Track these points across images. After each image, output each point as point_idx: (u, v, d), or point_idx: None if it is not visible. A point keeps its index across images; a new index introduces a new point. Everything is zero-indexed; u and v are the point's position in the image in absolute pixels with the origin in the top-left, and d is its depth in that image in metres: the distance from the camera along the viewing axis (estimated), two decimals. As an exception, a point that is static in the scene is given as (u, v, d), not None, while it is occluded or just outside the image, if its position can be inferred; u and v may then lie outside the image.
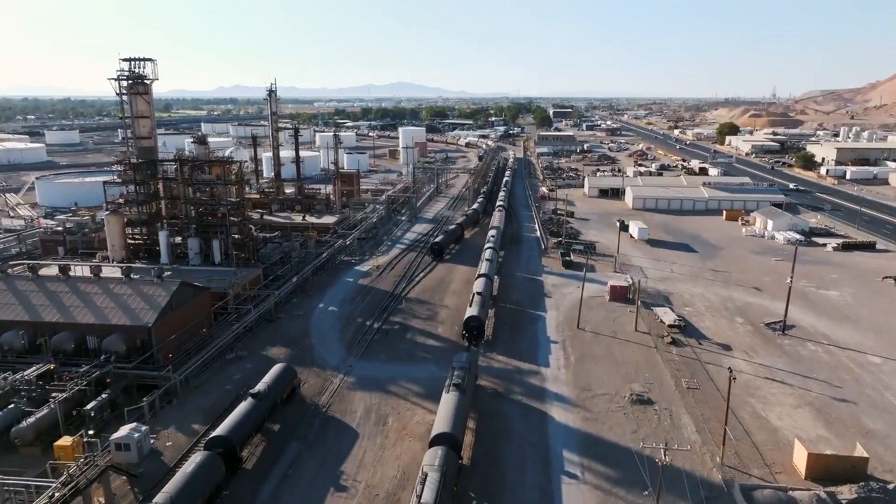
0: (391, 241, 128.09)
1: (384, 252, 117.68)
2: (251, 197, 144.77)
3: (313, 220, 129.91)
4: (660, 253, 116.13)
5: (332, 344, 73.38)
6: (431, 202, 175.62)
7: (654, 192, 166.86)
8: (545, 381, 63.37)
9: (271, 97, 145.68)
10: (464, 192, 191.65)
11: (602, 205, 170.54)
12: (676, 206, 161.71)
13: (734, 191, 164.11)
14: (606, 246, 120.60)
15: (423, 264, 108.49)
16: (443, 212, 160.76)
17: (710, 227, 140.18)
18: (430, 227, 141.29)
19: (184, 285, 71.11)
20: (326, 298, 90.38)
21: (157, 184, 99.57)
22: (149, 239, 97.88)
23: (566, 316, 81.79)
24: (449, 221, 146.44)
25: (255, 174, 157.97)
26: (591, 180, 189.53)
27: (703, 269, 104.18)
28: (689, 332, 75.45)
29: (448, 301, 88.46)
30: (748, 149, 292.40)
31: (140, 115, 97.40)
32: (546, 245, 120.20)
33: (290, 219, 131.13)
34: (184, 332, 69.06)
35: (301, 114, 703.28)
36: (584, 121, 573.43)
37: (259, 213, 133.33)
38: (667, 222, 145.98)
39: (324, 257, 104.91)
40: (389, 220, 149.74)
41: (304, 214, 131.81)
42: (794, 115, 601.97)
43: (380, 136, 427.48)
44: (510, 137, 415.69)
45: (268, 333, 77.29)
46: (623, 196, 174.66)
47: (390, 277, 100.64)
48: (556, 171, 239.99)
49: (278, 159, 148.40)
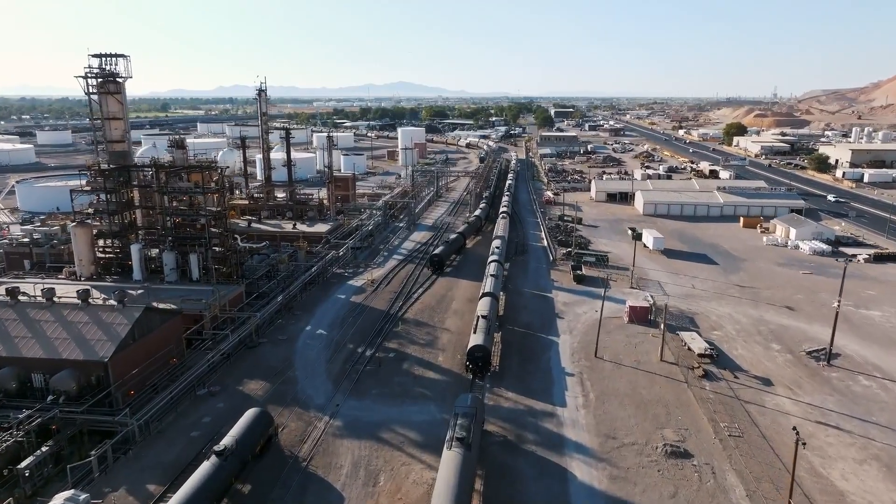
0: (388, 250, 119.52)
1: (380, 264, 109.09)
2: (239, 203, 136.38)
3: (304, 228, 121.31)
4: (678, 265, 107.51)
5: (318, 377, 64.76)
6: (431, 207, 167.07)
7: (666, 196, 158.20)
8: (562, 425, 54.73)
9: (261, 97, 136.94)
10: (465, 196, 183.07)
11: (610, 210, 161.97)
12: (690, 212, 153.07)
13: (751, 196, 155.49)
14: (619, 257, 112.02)
15: (422, 278, 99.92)
16: (443, 218, 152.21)
17: (728, 236, 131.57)
18: (430, 235, 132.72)
19: (149, 311, 62.51)
20: (315, 319, 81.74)
21: (130, 192, 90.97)
22: (121, 252, 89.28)
23: (582, 341, 73.18)
24: (450, 229, 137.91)
25: (244, 178, 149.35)
26: (598, 184, 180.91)
27: (727, 285, 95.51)
28: (722, 363, 66.82)
29: (449, 323, 79.82)
30: (757, 150, 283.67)
31: (111, 116, 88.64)
32: (554, 256, 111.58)
33: (279, 227, 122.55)
34: (149, 364, 60.51)
35: (299, 114, 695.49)
36: (585, 121, 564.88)
37: (247, 221, 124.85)
38: (681, 230, 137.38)
39: (313, 272, 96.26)
40: (386, 226, 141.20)
41: (295, 222, 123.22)
42: (798, 114, 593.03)
43: (378, 136, 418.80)
44: (511, 138, 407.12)
45: (247, 363, 68.67)
46: (632, 201, 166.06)
47: (386, 294, 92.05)
48: (560, 173, 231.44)
49: (268, 162, 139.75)
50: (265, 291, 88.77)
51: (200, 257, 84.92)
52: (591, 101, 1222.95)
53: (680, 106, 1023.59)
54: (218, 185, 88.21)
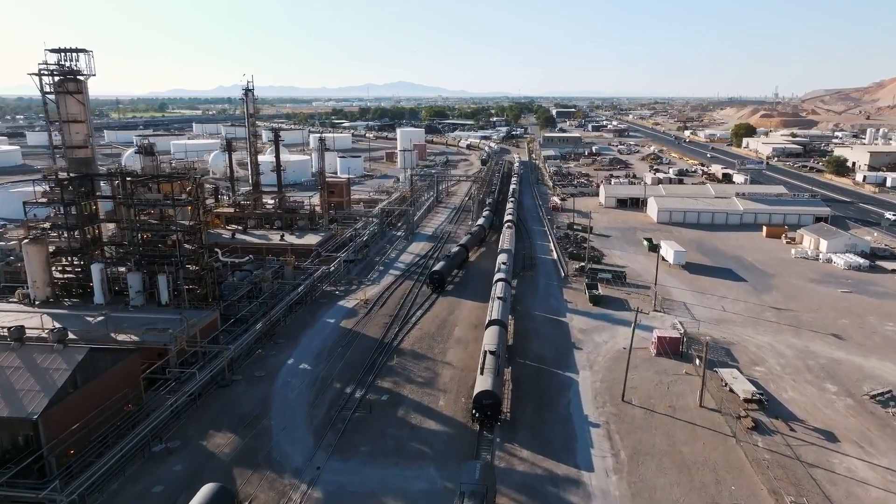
0: (384, 264, 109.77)
1: (375, 280, 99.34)
2: (224, 211, 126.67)
3: (293, 240, 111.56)
4: (702, 282, 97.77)
5: (298, 427, 54.99)
6: (431, 214, 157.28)
7: (681, 203, 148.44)
8: (591, 497, 44.98)
9: (248, 97, 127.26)
10: (466, 202, 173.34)
11: (622, 217, 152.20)
12: (707, 220, 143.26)
13: (772, 203, 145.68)
14: (637, 273, 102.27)
15: (421, 298, 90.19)
16: (444, 226, 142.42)
17: (752, 247, 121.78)
18: (430, 245, 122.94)
19: (95, 353, 52.70)
20: (299, 349, 71.95)
21: (93, 204, 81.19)
22: (82, 273, 79.50)
23: (605, 379, 63.42)
24: (451, 239, 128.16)
25: (230, 183, 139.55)
26: (608, 189, 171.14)
27: (760, 307, 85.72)
28: (773, 409, 57.02)
29: (452, 355, 70.05)
30: (768, 152, 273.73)
31: (72, 118, 78.91)
32: (566, 271, 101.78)
33: (266, 238, 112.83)
34: (95, 416, 50.79)
35: (297, 114, 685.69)
36: (588, 121, 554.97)
37: (232, 231, 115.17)
38: (700, 240, 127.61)
39: (300, 291, 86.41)
40: (383, 236, 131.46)
41: (283, 233, 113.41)
42: (804, 114, 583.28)
43: (377, 137, 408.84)
44: (513, 138, 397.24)
45: (216, 406, 58.91)
46: (644, 207, 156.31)
47: (380, 317, 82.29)
48: (565, 176, 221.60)
49: (256, 167, 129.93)
50: (245, 315, 79.13)
51: (170, 278, 75.18)
52: (591, 101, 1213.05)
53: (682, 106, 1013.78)
54: (191, 197, 78.35)
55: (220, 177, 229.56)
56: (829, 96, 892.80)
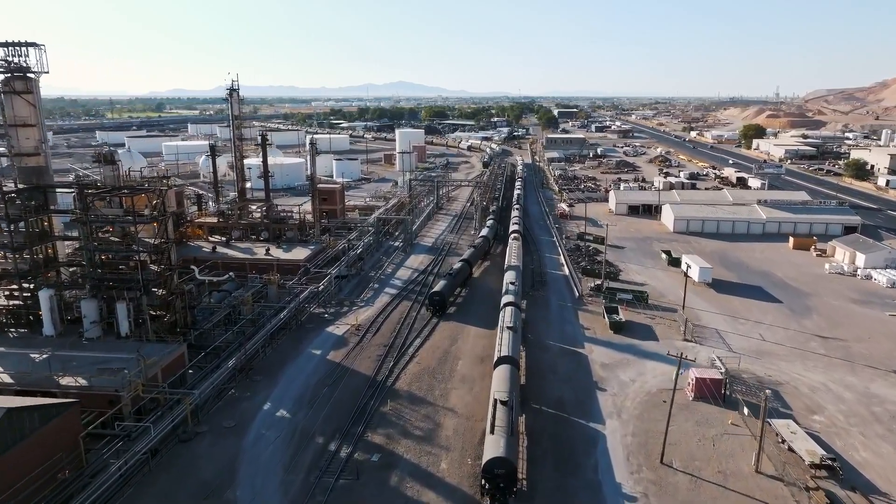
0: (379, 280, 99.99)
1: (369, 301, 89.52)
2: (206, 221, 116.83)
3: (279, 254, 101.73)
4: (732, 303, 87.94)
5: (269, 500, 45.13)
6: (430, 222, 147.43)
7: (699, 211, 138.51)
8: None
9: (232, 98, 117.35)
10: (468, 208, 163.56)
11: (634, 225, 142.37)
12: (727, 230, 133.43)
13: (797, 210, 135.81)
14: (659, 292, 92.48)
15: (420, 322, 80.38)
16: (444, 235, 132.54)
17: (779, 260, 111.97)
18: (429, 258, 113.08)
19: (14, 414, 42.88)
20: (278, 390, 62.11)
21: (46, 220, 71.38)
22: (31, 299, 69.70)
23: (637, 432, 53.56)
24: (452, 251, 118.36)
25: (214, 190, 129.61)
26: (618, 195, 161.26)
27: (803, 335, 75.88)
28: (847, 477, 47.18)
29: (455, 398, 60.23)
30: (780, 154, 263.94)
31: (20, 122, 69.11)
32: (580, 290, 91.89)
33: (250, 252, 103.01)
34: (15, 491, 41.06)
35: (295, 114, 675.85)
36: (591, 122, 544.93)
37: (213, 244, 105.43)
38: (721, 252, 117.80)
39: (282, 318, 76.51)
40: (379, 247, 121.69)
41: (269, 247, 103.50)
42: (811, 115, 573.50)
43: (376, 138, 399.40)
44: (515, 139, 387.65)
45: (174, 470, 49.06)
46: (659, 214, 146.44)
47: (373, 347, 72.47)
48: (571, 180, 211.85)
49: (242, 173, 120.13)
50: (220, 346, 69.35)
51: (131, 305, 65.36)
52: (592, 101, 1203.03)
53: (684, 106, 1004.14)
54: (157, 212, 68.45)
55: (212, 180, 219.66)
56: (833, 96, 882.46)
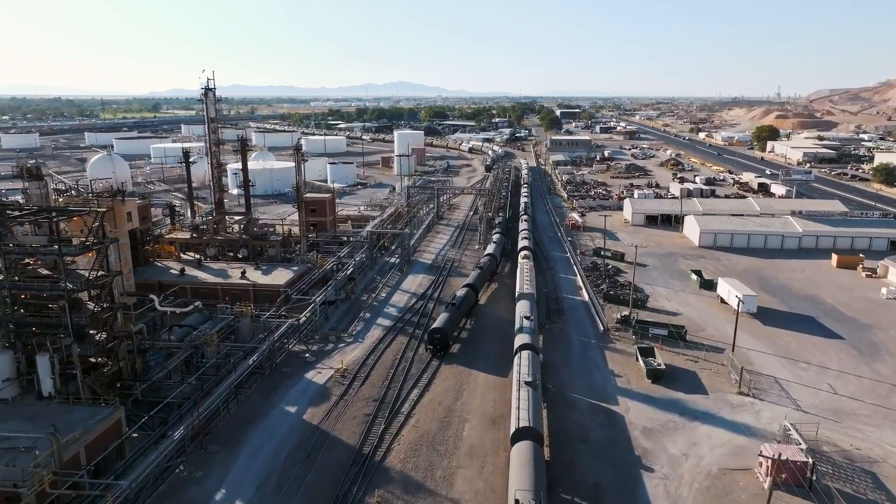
0: (372, 307, 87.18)
1: (358, 334, 76.66)
2: (178, 237, 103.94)
3: (257, 277, 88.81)
4: (783, 338, 75.06)
5: None
6: (430, 234, 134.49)
7: (726, 223, 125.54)
8: None
9: (207, 98, 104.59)
10: (471, 218, 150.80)
11: (654, 238, 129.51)
12: (758, 244, 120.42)
13: (836, 223, 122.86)
14: (695, 322, 79.65)
15: (418, 366, 67.55)
16: (445, 251, 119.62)
17: (825, 282, 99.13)
18: (429, 279, 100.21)
19: None
20: (237, 469, 49.15)
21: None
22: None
23: (701, 539, 40.69)
24: (455, 270, 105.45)
25: (188, 202, 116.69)
26: (634, 203, 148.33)
27: (881, 385, 62.94)
28: None
29: (461, 483, 47.24)
30: (799, 157, 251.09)
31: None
32: (604, 323, 78.92)
33: (224, 274, 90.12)
34: None
35: (293, 114, 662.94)
36: (594, 122, 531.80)
37: (182, 267, 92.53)
38: (757, 271, 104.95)
39: (251, 365, 63.54)
40: (373, 264, 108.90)
41: (245, 269, 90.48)
42: (819, 115, 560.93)
43: (374, 139, 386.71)
44: (517, 141, 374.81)
45: None
46: (681, 226, 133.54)
47: (361, 401, 59.61)
48: (580, 185, 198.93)
49: (218, 183, 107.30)
50: (174, 403, 56.55)
51: (55, 358, 52.41)
52: (593, 101, 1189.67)
53: (687, 106, 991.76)
54: (94, 239, 55.38)
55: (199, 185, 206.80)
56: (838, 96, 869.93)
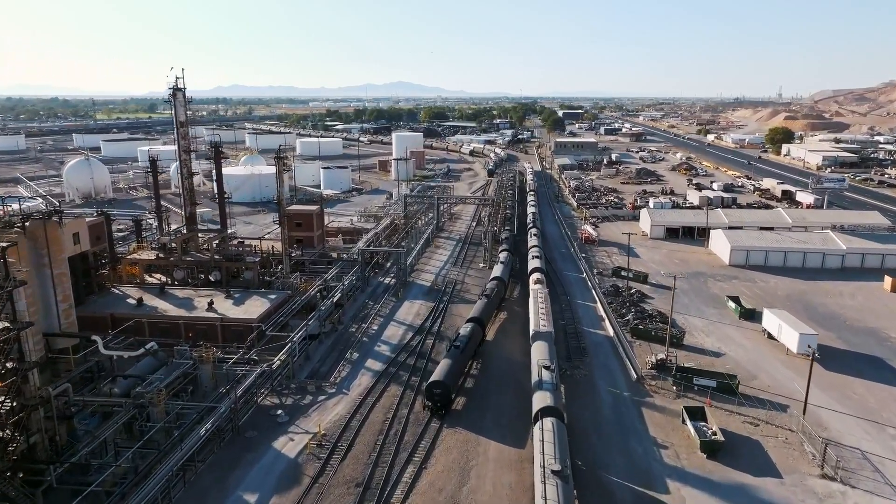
0: (361, 344, 74.59)
1: (343, 383, 64.05)
2: (143, 258, 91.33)
3: (227, 307, 76.15)
4: (853, 388, 62.44)
5: None
6: (429, 248, 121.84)
7: (759, 239, 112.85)
8: None
9: (175, 99, 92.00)
10: (473, 230, 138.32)
11: (678, 254, 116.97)
12: (796, 262, 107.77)
13: (883, 239, 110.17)
14: (742, 365, 67.06)
15: (414, 428, 54.98)
16: (446, 270, 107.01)
17: (881, 310, 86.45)
18: (428, 306, 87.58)
19: None
20: None
21: None
22: None
23: None
24: (457, 294, 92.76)
25: (157, 215, 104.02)
26: (654, 214, 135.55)
27: None
28: None
29: None
30: (818, 161, 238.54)
31: None
32: (637, 369, 66.17)
33: (189, 304, 77.42)
34: None
35: (290, 115, 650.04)
36: (598, 123, 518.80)
37: (139, 297, 79.88)
38: (801, 296, 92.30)
39: (204, 436, 50.75)
40: (364, 286, 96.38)
41: (213, 298, 77.66)
42: (828, 116, 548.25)
43: (371, 141, 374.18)
44: (520, 143, 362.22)
45: None
46: (706, 240, 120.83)
47: (341, 484, 47.00)
48: (590, 192, 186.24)
49: (191, 195, 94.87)
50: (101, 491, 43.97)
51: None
52: (594, 102, 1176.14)
53: (690, 106, 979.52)
54: (-7, 282, 42.75)
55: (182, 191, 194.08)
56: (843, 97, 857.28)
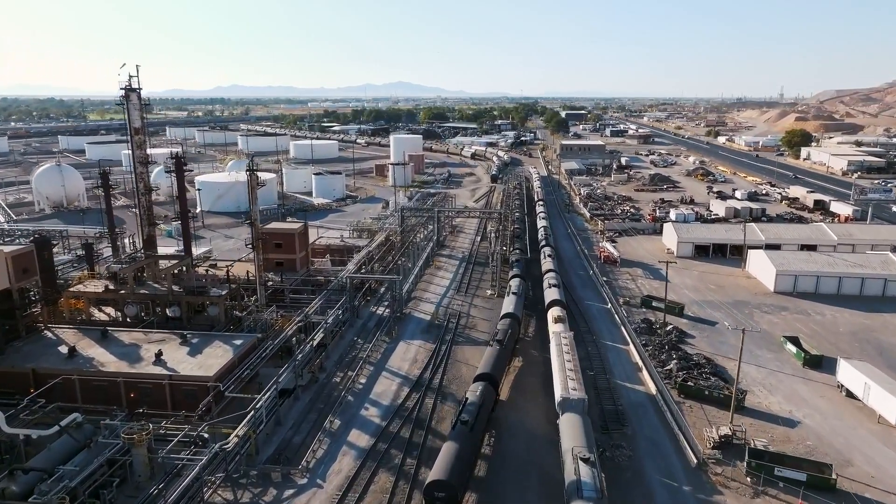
0: (345, 403, 60.17)
1: (318, 470, 49.57)
2: (89, 292, 76.76)
3: (179, 358, 61.62)
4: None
5: None
6: (429, 269, 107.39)
7: (808, 262, 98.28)
8: None
9: (128, 101, 77.56)
10: (478, 245, 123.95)
11: (711, 277, 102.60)
12: (852, 289, 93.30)
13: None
14: (824, 438, 52.65)
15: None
16: (448, 299, 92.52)
17: (971, 354, 72.06)
18: (427, 349, 73.11)
19: None
20: None
21: None
22: None
23: None
24: (462, 333, 78.11)
25: (110, 238, 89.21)
26: (681, 229, 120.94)
27: None
28: None
29: None
30: (843, 165, 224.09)
31: None
32: (697, 453, 51.57)
33: (133, 356, 62.78)
34: None
35: (287, 115, 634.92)
36: (604, 125, 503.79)
37: (71, 346, 65.50)
38: (867, 333, 77.86)
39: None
40: (353, 320, 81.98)
41: (161, 349, 63.01)
42: (839, 117, 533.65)
43: (369, 143, 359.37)
44: (523, 145, 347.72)
45: None
46: (744, 261, 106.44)
47: None
48: (602, 201, 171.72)
49: (148, 213, 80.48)
50: None
51: None
52: (596, 102, 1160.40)
53: (693, 106, 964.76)
54: None
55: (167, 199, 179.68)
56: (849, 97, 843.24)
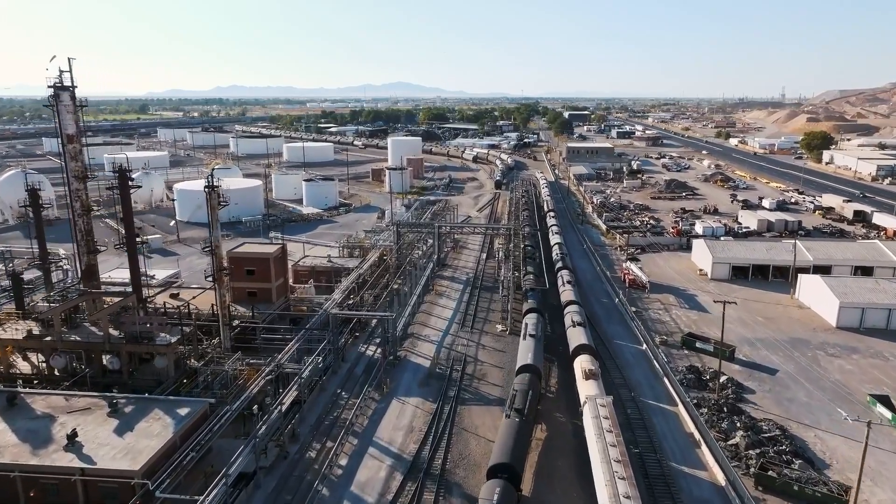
0: (320, 500, 45.50)
1: None
2: (5, 338, 61.89)
3: (100, 443, 46.76)
4: None
5: None
6: (428, 297, 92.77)
7: (877, 293, 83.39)
8: None
9: (58, 102, 62.92)
10: (484, 264, 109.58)
11: (755, 306, 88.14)
12: (927, 324, 79.00)
13: None
14: None
15: None
16: (451, 337, 77.85)
17: None
18: (425, 412, 58.53)
19: None
20: None
21: None
22: None
23: None
24: (467, 386, 63.38)
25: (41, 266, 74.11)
26: (716, 248, 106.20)
27: None
28: None
29: None
30: (871, 170, 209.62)
31: None
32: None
33: (42, 437, 48.03)
34: None
35: (284, 116, 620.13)
36: (609, 126, 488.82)
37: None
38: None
39: None
40: (338, 364, 67.47)
41: (75, 429, 48.09)
42: (850, 118, 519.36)
43: (366, 145, 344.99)
44: (526, 147, 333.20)
45: None
46: (794, 287, 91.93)
47: None
48: (618, 210, 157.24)
49: (87, 239, 65.92)
50: None
51: None
52: (597, 102, 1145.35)
53: (696, 107, 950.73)
54: None
55: (145, 207, 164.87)
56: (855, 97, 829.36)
